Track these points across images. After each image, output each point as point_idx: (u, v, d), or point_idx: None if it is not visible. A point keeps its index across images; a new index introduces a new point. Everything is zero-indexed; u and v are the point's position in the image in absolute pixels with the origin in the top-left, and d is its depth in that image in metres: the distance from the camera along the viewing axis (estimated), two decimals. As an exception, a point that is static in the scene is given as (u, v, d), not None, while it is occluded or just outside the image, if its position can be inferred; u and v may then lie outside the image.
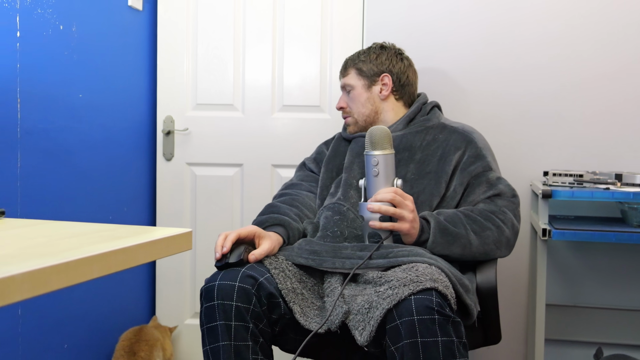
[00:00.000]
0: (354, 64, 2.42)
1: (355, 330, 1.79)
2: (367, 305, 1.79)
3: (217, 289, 1.86)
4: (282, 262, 2.01)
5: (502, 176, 2.27)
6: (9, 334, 2.33)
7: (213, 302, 1.86)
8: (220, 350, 1.84)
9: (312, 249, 2.05)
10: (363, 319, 1.78)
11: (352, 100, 2.40)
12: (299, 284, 1.99)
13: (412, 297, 1.71)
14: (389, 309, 1.72)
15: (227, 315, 1.84)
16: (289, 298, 1.92)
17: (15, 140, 2.32)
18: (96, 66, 2.79)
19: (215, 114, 3.23)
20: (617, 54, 2.84)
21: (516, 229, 2.19)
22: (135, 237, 1.16)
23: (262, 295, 1.88)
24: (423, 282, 1.74)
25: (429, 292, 1.72)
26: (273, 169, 3.21)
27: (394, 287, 1.76)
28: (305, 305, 1.95)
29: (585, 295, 2.90)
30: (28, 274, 0.86)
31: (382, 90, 2.38)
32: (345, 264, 1.97)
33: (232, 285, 1.86)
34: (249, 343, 1.85)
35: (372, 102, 2.39)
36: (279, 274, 1.95)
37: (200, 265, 3.28)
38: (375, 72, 2.38)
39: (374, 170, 2.01)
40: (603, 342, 2.84)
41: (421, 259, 1.92)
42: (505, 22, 2.92)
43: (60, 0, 2.53)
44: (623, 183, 2.51)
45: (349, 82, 2.41)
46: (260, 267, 1.95)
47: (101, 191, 2.85)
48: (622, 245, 2.86)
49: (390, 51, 2.43)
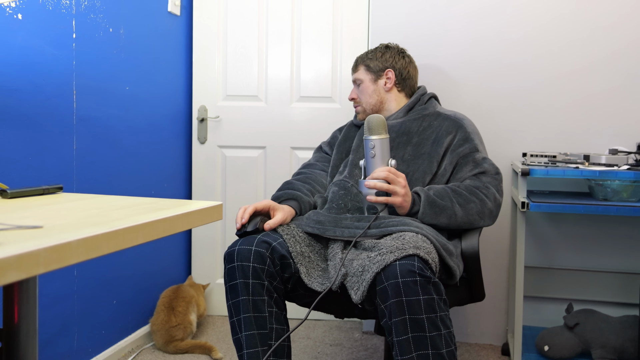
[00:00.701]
0: (363, 61, 2.42)
1: (351, 290, 1.81)
2: (360, 269, 1.81)
3: (236, 252, 1.90)
4: (293, 229, 2.03)
5: (488, 157, 2.26)
6: (66, 291, 2.34)
7: (233, 264, 1.89)
8: (240, 304, 1.88)
9: (317, 219, 2.08)
10: (357, 280, 1.80)
11: (361, 92, 2.41)
12: (307, 248, 2.01)
13: (397, 262, 1.73)
14: (377, 272, 1.74)
15: (245, 274, 1.87)
16: (297, 260, 1.95)
17: (71, 126, 2.32)
18: (140, 63, 2.78)
19: (242, 104, 3.22)
20: (585, 53, 2.82)
21: (498, 202, 2.18)
22: (173, 209, 1.16)
23: (275, 257, 1.91)
24: (407, 249, 1.76)
25: (411, 258, 1.74)
26: (292, 151, 3.21)
27: (382, 253, 1.78)
28: (311, 267, 1.97)
29: (558, 258, 2.90)
30: (82, 240, 0.86)
31: (387, 83, 2.38)
32: (345, 233, 1.99)
33: (249, 249, 1.89)
34: (264, 297, 1.88)
35: (378, 93, 2.38)
36: (289, 239, 1.98)
37: (229, 233, 3.30)
38: (381, 67, 2.38)
39: (371, 152, 2.02)
40: (573, 299, 2.85)
41: (409, 228, 1.93)
42: (490, 25, 2.90)
43: (110, 7, 2.51)
44: (590, 163, 2.49)
45: (359, 77, 2.41)
46: (274, 234, 1.98)
47: (144, 170, 2.85)
48: (589, 216, 2.85)
49: (393, 50, 2.42)
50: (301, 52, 3.17)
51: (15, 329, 1.14)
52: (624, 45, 2.78)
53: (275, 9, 3.17)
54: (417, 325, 1.68)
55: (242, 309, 1.87)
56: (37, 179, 2.13)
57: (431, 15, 2.96)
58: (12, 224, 0.94)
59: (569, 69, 2.84)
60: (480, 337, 2.99)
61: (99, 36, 2.47)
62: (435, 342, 1.69)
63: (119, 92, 2.62)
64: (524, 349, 2.65)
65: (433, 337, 1.69)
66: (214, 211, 1.25)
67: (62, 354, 2.32)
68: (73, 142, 2.32)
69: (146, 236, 1.01)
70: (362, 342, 2.98)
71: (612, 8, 2.78)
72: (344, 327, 3.21)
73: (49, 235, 0.86)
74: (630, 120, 2.79)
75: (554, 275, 2.88)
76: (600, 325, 2.55)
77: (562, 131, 2.85)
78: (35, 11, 2.10)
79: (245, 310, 1.87)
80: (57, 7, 2.21)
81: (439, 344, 1.69)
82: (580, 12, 2.82)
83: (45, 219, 1.02)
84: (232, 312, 1.91)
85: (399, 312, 1.69)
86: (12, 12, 1.99)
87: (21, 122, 2.05)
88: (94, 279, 2.50)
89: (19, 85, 2.04)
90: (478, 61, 2.92)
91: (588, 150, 2.83)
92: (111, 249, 0.92)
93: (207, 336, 2.99)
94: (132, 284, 2.81)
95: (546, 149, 2.86)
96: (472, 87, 2.93)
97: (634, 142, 2.76)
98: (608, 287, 2.84)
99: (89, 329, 2.48)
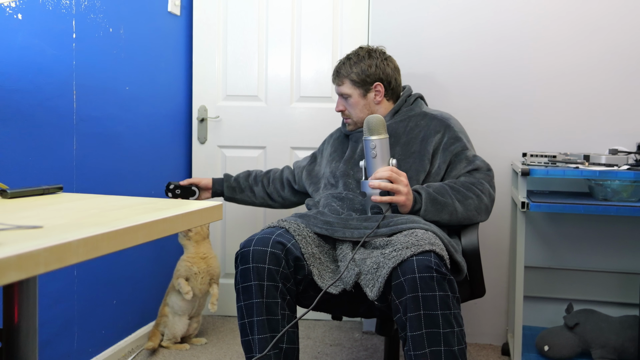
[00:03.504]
0: (348, 75, 2.34)
1: (367, 288, 1.81)
2: (375, 266, 1.81)
3: (252, 253, 1.87)
4: (303, 229, 2.02)
5: (478, 154, 2.30)
6: (66, 291, 2.34)
7: (248, 265, 1.87)
8: (253, 306, 1.85)
9: (325, 219, 2.07)
10: (372, 277, 1.80)
11: (350, 106, 2.36)
12: (317, 249, 2.00)
13: (413, 257, 1.74)
14: (393, 267, 1.74)
15: (260, 276, 1.85)
16: (310, 261, 1.94)
17: (71, 126, 2.32)
18: (140, 63, 2.78)
19: (243, 104, 3.22)
20: (585, 53, 2.82)
21: (493, 197, 2.21)
22: (174, 209, 1.16)
23: (289, 258, 1.89)
24: (423, 245, 1.77)
25: (428, 254, 1.75)
26: (292, 151, 3.21)
27: (397, 249, 1.78)
28: (322, 268, 1.97)
29: (558, 258, 2.89)
30: (83, 240, 0.86)
31: (376, 96, 2.34)
32: (354, 234, 1.99)
33: (265, 250, 1.87)
34: (278, 300, 1.86)
35: (368, 107, 2.35)
36: (302, 240, 1.97)
37: (229, 233, 3.29)
38: (368, 82, 2.32)
39: (372, 153, 2.03)
40: (573, 299, 2.84)
41: (418, 225, 1.94)
42: (491, 25, 2.90)
43: (110, 7, 2.51)
44: (590, 163, 2.49)
45: (345, 92, 2.35)
46: (287, 235, 1.97)
47: (144, 170, 2.85)
48: (589, 216, 2.85)
49: (377, 59, 2.35)
50: (301, 51, 3.17)
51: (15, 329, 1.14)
52: (624, 45, 2.78)
53: (276, 9, 3.17)
54: (432, 322, 1.69)
55: (255, 312, 1.85)
56: (37, 179, 2.13)
57: (432, 15, 2.96)
58: (12, 224, 0.94)
59: (569, 69, 2.84)
60: (480, 337, 2.99)
61: (99, 36, 2.46)
62: (448, 339, 1.69)
63: (119, 92, 2.62)
64: (524, 349, 2.65)
65: (446, 334, 1.69)
66: (214, 211, 1.25)
67: (62, 354, 2.32)
68: (73, 142, 2.32)
69: (146, 236, 1.01)
70: (362, 342, 2.98)
71: (612, 8, 2.78)
72: (344, 327, 3.21)
73: (49, 235, 0.86)
74: (630, 120, 2.79)
75: (554, 275, 2.88)
76: (600, 325, 2.55)
77: (562, 131, 2.85)
78: (35, 11, 2.10)
79: (259, 313, 1.85)
80: (57, 7, 2.21)
81: (451, 341, 1.70)
82: (580, 11, 2.82)
83: (45, 219, 1.02)
84: (243, 313, 1.88)
85: (414, 307, 1.69)
86: (12, 12, 1.99)
87: (21, 122, 2.05)
88: (94, 279, 2.50)
89: (19, 85, 2.04)
90: (478, 61, 2.92)
91: (588, 150, 2.82)
92: (111, 249, 0.92)
93: (208, 336, 2.99)
94: (132, 284, 2.81)
95: (546, 149, 2.86)
96: (473, 86, 2.93)
97: (634, 142, 2.76)
98: (608, 287, 2.84)
99: (89, 329, 2.48)
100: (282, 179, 2.63)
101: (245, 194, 2.66)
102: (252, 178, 2.67)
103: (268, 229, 2.00)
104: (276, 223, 2.05)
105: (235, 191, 2.66)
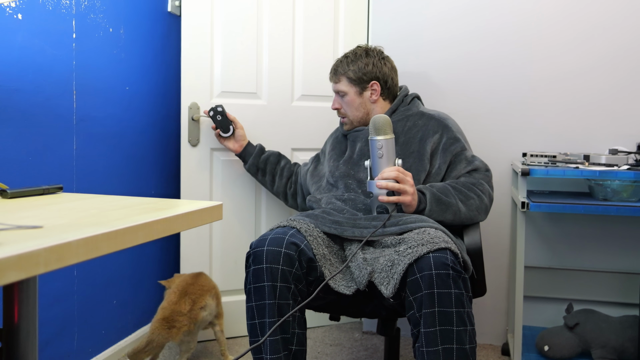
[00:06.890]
0: (345, 73, 2.37)
1: (381, 286, 1.80)
2: (389, 264, 1.81)
3: (265, 254, 1.85)
4: (313, 229, 2.00)
5: (478, 154, 2.32)
6: (66, 291, 2.34)
7: (262, 265, 1.84)
8: (265, 307, 1.83)
9: (334, 219, 2.06)
10: (387, 275, 1.80)
11: (346, 104, 2.39)
12: (327, 249, 1.99)
13: (430, 254, 1.74)
14: (410, 263, 1.74)
15: (274, 277, 1.83)
16: (321, 263, 1.93)
17: (71, 126, 2.32)
18: (140, 63, 2.78)
19: (240, 101, 3.09)
20: (585, 53, 2.83)
21: (491, 197, 2.24)
22: (173, 209, 1.15)
23: (302, 260, 1.88)
24: (438, 242, 1.78)
25: (444, 251, 1.76)
26: (292, 153, 3.16)
27: (412, 246, 1.78)
28: (333, 270, 1.95)
29: (558, 258, 2.90)
30: (82, 240, 0.85)
31: (372, 94, 2.36)
32: (364, 233, 1.98)
33: (279, 251, 1.85)
34: (290, 302, 1.84)
35: (364, 105, 2.37)
36: (313, 241, 1.95)
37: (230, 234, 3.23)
38: (365, 80, 2.35)
39: (378, 153, 2.03)
40: (573, 299, 2.85)
41: (427, 224, 1.95)
42: (491, 24, 2.90)
43: (110, 7, 2.51)
44: (590, 163, 2.49)
45: (342, 89, 2.38)
46: (299, 235, 1.95)
47: (144, 170, 2.85)
48: (589, 216, 2.86)
49: (375, 57, 2.37)
50: (302, 49, 3.12)
51: (15, 329, 1.14)
52: (624, 45, 2.78)
53: (275, 5, 3.13)
54: (446, 319, 1.69)
55: (267, 313, 1.83)
56: (37, 179, 2.13)
57: (432, 15, 2.97)
58: (12, 224, 0.94)
59: (568, 69, 2.85)
60: (480, 337, 2.99)
61: (99, 36, 2.46)
62: (461, 337, 1.70)
63: (119, 92, 2.62)
64: (524, 349, 2.65)
65: (460, 332, 1.70)
66: (214, 211, 1.25)
67: (62, 354, 2.32)
68: (73, 142, 2.32)
69: (146, 236, 1.01)
70: (362, 342, 2.98)
71: (612, 8, 2.79)
72: (344, 327, 3.21)
73: (49, 235, 0.86)
74: (630, 120, 2.79)
75: (554, 275, 2.88)
76: (600, 325, 2.55)
77: (562, 131, 2.85)
78: (35, 11, 2.10)
79: (271, 314, 1.83)
80: (57, 7, 2.21)
81: (464, 339, 1.70)
82: (580, 11, 2.83)
83: (45, 219, 1.02)
84: (254, 314, 1.86)
85: (430, 304, 1.69)
86: (12, 12, 1.99)
87: (21, 122, 2.05)
88: (94, 279, 2.50)
89: (19, 85, 2.04)
90: (478, 61, 2.93)
91: (588, 150, 2.83)
92: (111, 249, 0.92)
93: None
94: (132, 284, 2.81)
95: (546, 149, 2.86)
96: (473, 86, 2.94)
97: (634, 142, 2.77)
98: (608, 287, 2.84)
99: (89, 329, 2.48)
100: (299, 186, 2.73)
101: (265, 179, 2.77)
102: (280, 168, 2.75)
103: (280, 229, 1.97)
104: (286, 222, 2.03)
105: (258, 172, 2.77)
